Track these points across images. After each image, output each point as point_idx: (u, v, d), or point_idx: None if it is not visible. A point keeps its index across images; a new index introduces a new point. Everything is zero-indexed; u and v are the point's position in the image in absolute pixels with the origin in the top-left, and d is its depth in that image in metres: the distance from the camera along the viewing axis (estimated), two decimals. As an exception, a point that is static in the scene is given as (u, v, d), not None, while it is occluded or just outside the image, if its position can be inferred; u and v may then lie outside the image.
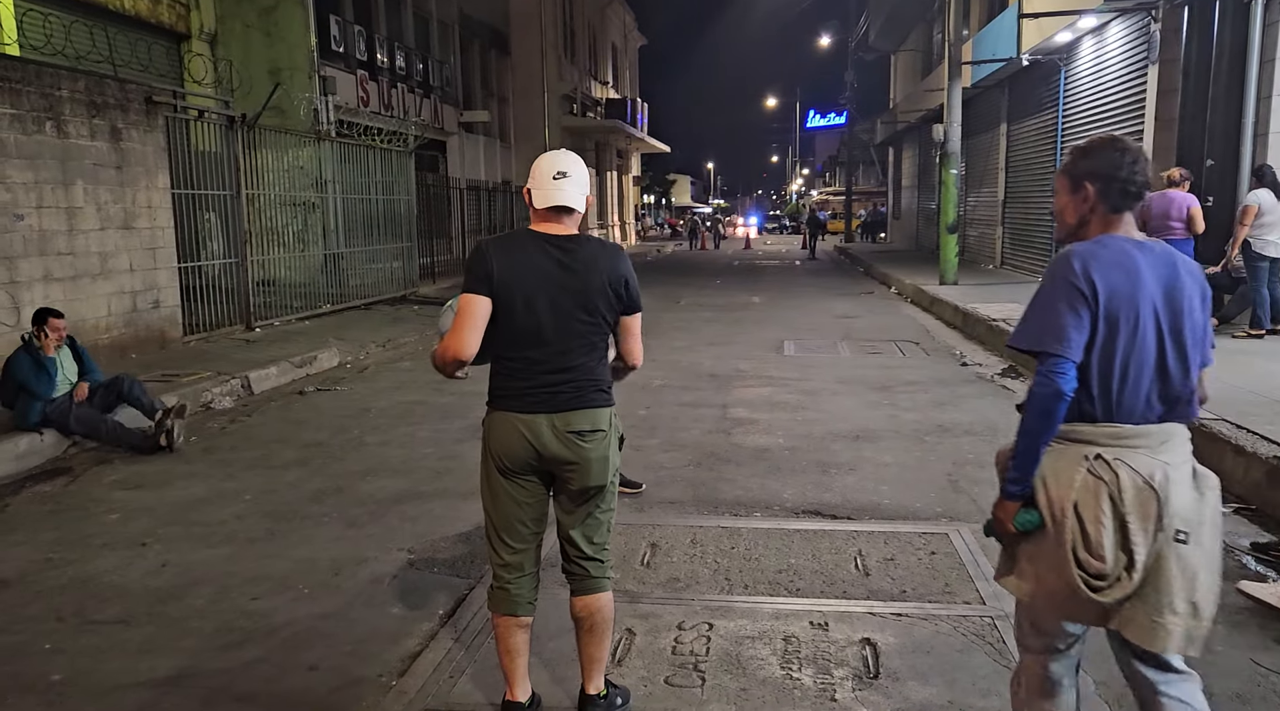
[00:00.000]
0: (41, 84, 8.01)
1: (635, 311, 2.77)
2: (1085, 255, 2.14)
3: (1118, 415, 2.12)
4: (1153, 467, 2.09)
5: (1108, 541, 2.05)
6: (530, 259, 2.64)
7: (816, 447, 6.12)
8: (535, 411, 2.66)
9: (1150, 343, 2.12)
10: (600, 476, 2.74)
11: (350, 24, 17.38)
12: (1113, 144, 2.23)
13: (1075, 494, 2.09)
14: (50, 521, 4.72)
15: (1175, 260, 2.19)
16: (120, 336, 8.86)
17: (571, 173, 2.70)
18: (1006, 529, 2.19)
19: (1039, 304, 2.17)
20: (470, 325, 2.60)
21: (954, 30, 16.65)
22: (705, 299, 16.69)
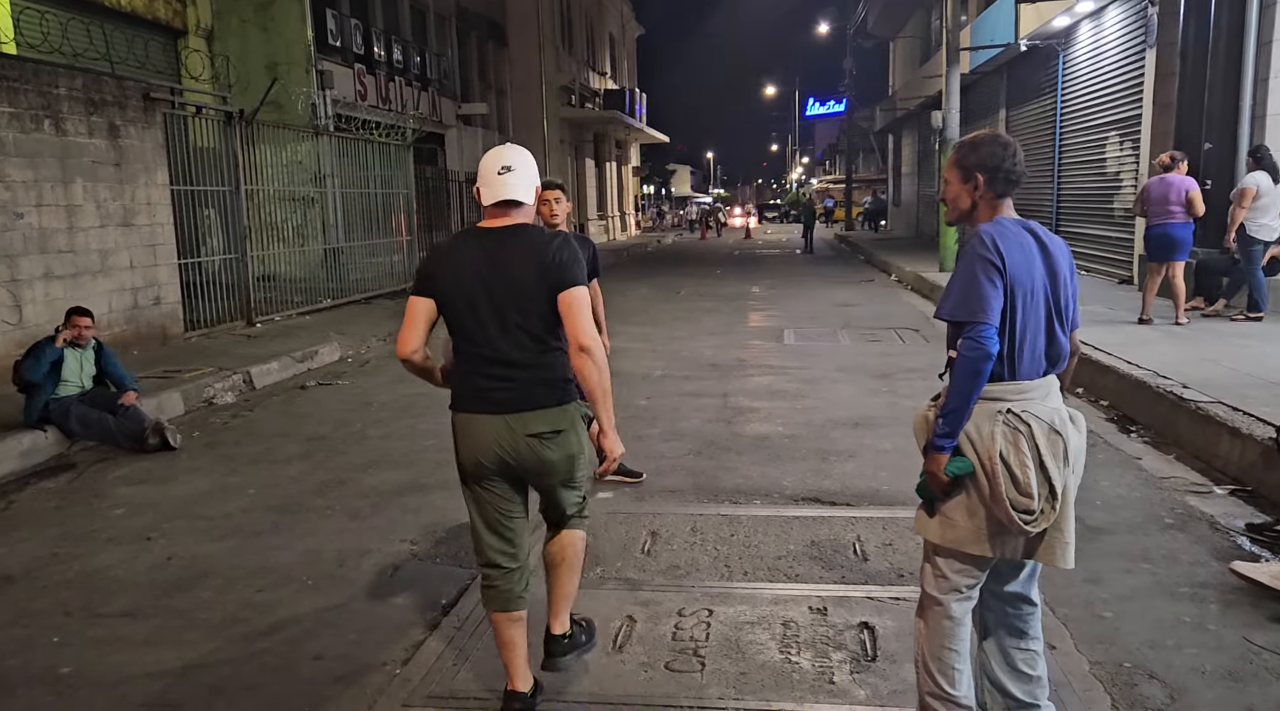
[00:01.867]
0: (39, 82, 8.03)
1: (569, 286, 2.64)
2: (994, 233, 2.44)
3: (1019, 374, 2.45)
4: (1051, 415, 2.44)
5: (1034, 481, 2.38)
6: (467, 256, 2.68)
7: (816, 435, 6.15)
8: (490, 411, 2.68)
9: (1041, 310, 2.46)
10: (566, 473, 2.79)
11: (347, 18, 17.36)
12: (996, 140, 2.56)
13: (999, 445, 2.40)
14: (55, 517, 4.77)
15: (1054, 240, 2.54)
16: (122, 333, 8.89)
17: (516, 166, 2.71)
18: (940, 479, 2.46)
19: (961, 278, 2.43)
20: (410, 324, 2.73)
21: (952, 16, 16.60)
22: (705, 289, 16.71)
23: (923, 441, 2.56)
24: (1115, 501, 4.68)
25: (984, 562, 2.53)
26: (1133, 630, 3.33)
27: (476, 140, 24.29)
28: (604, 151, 35.14)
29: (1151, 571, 3.84)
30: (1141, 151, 12.25)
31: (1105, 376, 6.96)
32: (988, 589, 2.62)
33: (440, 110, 21.67)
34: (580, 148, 31.64)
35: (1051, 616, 3.37)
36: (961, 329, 2.41)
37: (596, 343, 2.67)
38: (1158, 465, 5.36)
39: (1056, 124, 16.27)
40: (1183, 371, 6.48)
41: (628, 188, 40.58)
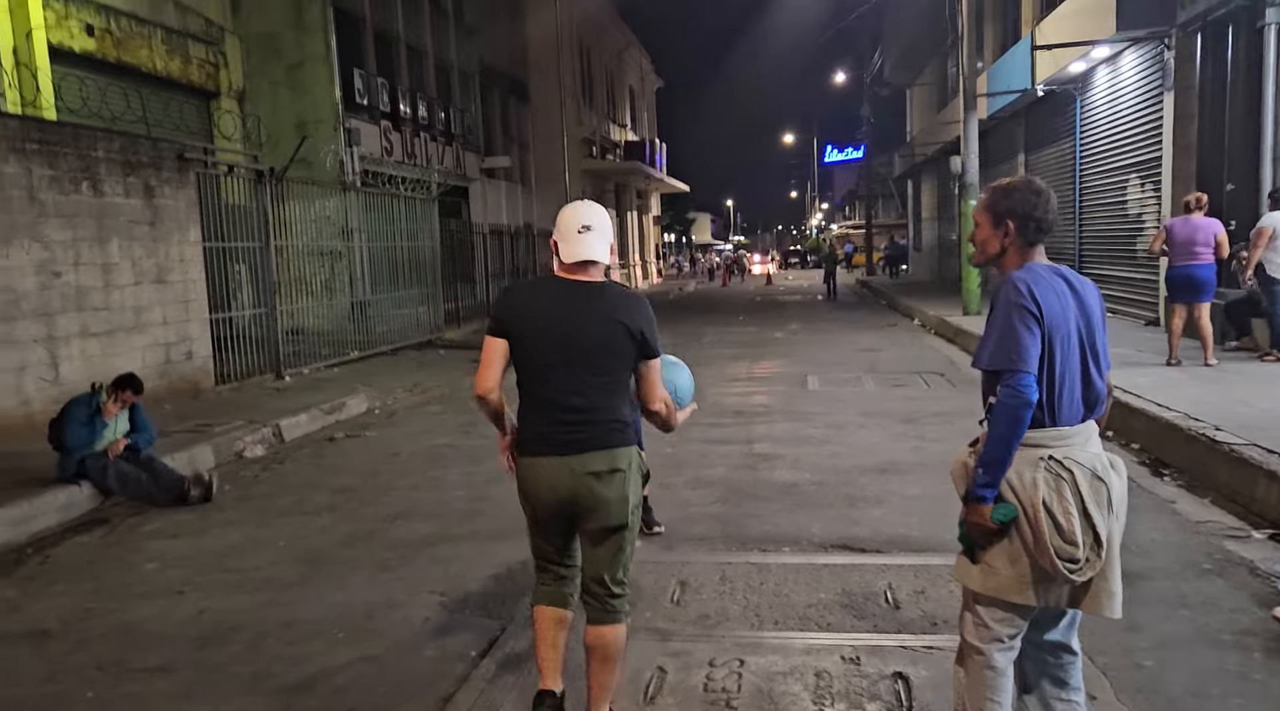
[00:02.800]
0: (79, 145, 8.28)
1: (654, 357, 2.86)
2: (1028, 280, 2.44)
3: (1059, 420, 2.44)
4: (1093, 461, 2.44)
5: (1078, 529, 2.37)
6: (549, 303, 2.80)
7: (843, 481, 6.12)
8: (554, 453, 2.80)
9: (1076, 355, 2.46)
10: (619, 516, 2.84)
11: (373, 77, 17.79)
12: (1029, 187, 2.55)
13: (1042, 492, 2.38)
14: (90, 571, 4.81)
15: (1085, 283, 2.55)
16: (154, 388, 9.01)
17: (595, 225, 2.83)
18: (987, 527, 2.44)
19: (998, 326, 2.43)
20: (486, 363, 2.84)
21: (968, 64, 16.78)
22: (728, 336, 16.74)
23: (962, 488, 2.54)
24: (1151, 546, 4.61)
25: (1026, 611, 2.50)
26: (1175, 679, 3.27)
27: (500, 193, 24.68)
28: (625, 201, 35.54)
29: (1191, 618, 3.78)
30: (1163, 193, 12.24)
31: (1136, 419, 6.89)
32: (1027, 638, 2.58)
33: (464, 164, 22.05)
34: (602, 198, 32.01)
35: (1090, 665, 3.31)
36: (999, 377, 2.40)
37: (667, 404, 2.93)
38: (1193, 509, 5.28)
39: (1076, 167, 16.31)
40: (1214, 413, 6.41)
41: (649, 236, 40.93)
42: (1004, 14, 21.94)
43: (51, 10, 11.67)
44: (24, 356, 7.57)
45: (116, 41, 13.01)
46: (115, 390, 6.16)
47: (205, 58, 15.10)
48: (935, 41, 26.95)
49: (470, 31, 23.10)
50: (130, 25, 13.31)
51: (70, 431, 6.00)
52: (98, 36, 12.55)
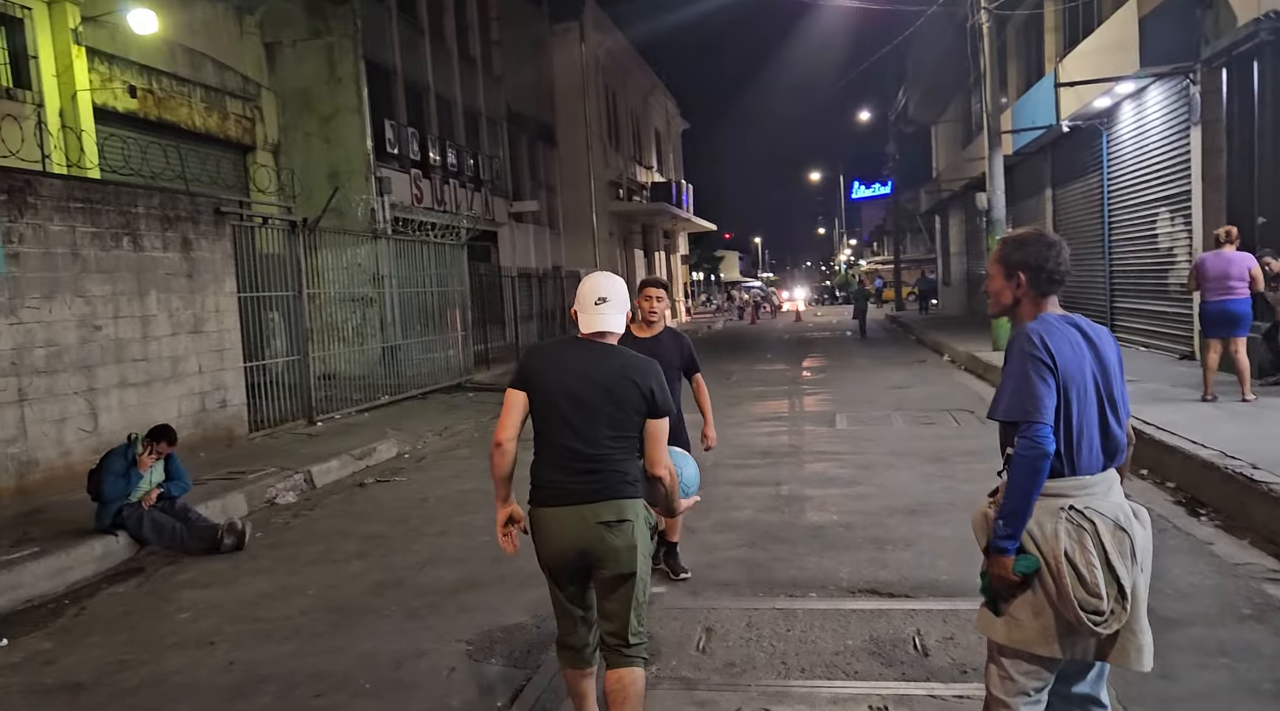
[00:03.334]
0: (120, 202, 8.53)
1: (661, 417, 2.98)
2: (1041, 331, 2.47)
3: (1079, 469, 2.44)
4: (1115, 511, 2.43)
5: (1101, 581, 2.35)
6: (567, 359, 2.99)
7: (872, 523, 6.07)
8: (567, 502, 2.92)
9: (1094, 405, 2.47)
10: (629, 564, 2.94)
11: (404, 127, 18.18)
12: (1040, 239, 2.59)
13: (1063, 543, 2.38)
14: (125, 622, 4.89)
15: (1099, 332, 2.55)
16: (190, 436, 9.18)
17: (611, 297, 3.04)
18: (1010, 579, 2.43)
19: (1013, 377, 2.45)
20: (507, 413, 3.02)
21: (991, 101, 16.82)
22: (756, 374, 16.72)
23: (983, 540, 2.54)
24: (1188, 590, 4.53)
25: (1052, 664, 2.48)
26: (1210, 729, 3.20)
27: (528, 236, 24.98)
28: (652, 241, 35.79)
29: (1230, 666, 3.70)
30: (1194, 227, 12.14)
31: (1170, 457, 6.79)
32: (1055, 691, 2.55)
33: (493, 209, 22.39)
34: (629, 239, 32.29)
35: (1122, 714, 3.25)
36: (1015, 428, 2.42)
37: (669, 471, 3.02)
38: (1231, 551, 5.18)
39: (1104, 201, 16.22)
40: (1252, 450, 6.30)
41: (677, 275, 41.11)
42: (1027, 51, 22.03)
43: (96, 73, 12.10)
44: (64, 408, 7.75)
45: (158, 101, 13.45)
46: (150, 442, 6.29)
47: (242, 113, 15.55)
48: (958, 79, 27.08)
49: (498, 79, 23.58)
50: (171, 84, 13.76)
51: (107, 483, 6.12)
52: (140, 97, 12.99)
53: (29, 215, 7.50)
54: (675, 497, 3.09)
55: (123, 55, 12.59)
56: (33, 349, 7.47)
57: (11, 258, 7.33)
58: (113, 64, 12.49)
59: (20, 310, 7.38)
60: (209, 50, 14.60)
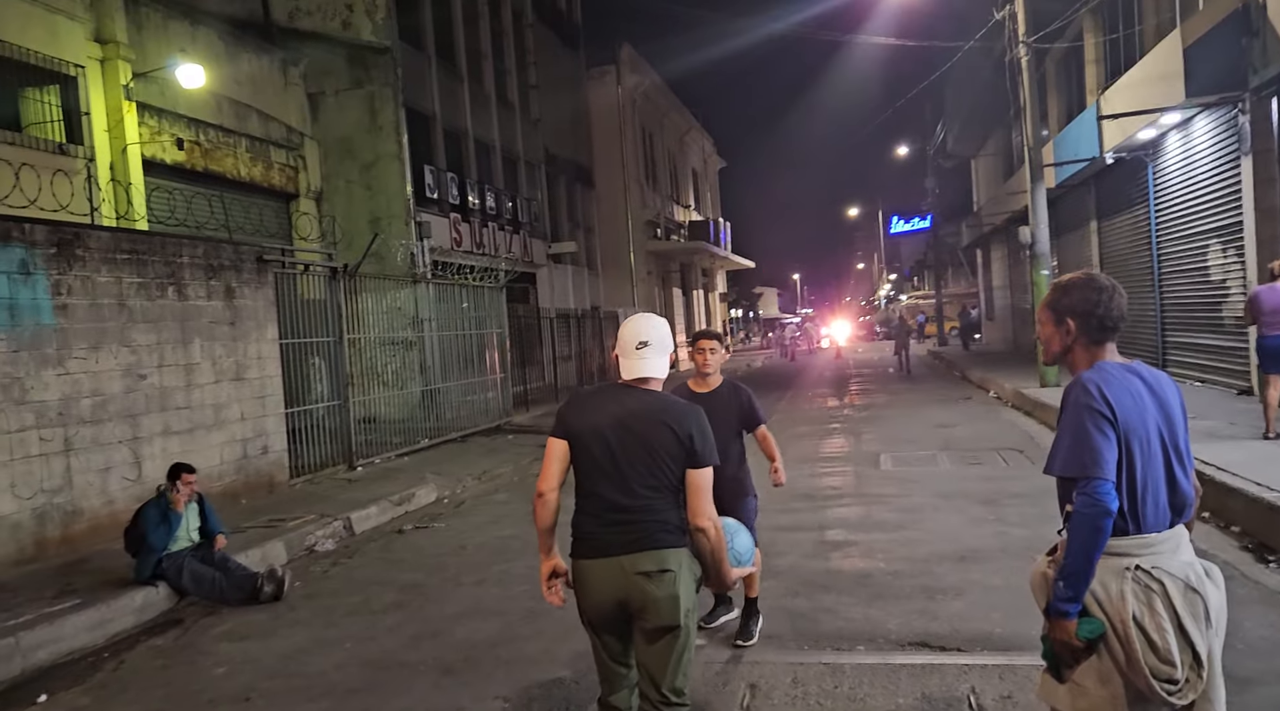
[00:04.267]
0: (165, 252, 8.68)
1: (702, 466, 2.87)
2: (1098, 381, 2.34)
3: (1145, 527, 2.30)
4: (1185, 570, 2.29)
5: (1174, 647, 2.20)
6: (606, 407, 2.92)
7: (920, 571, 5.88)
8: (606, 554, 2.85)
9: (1159, 458, 2.33)
10: (670, 616, 2.82)
11: (443, 172, 18.43)
12: (1090, 284, 2.46)
13: (1130, 606, 2.23)
14: (161, 677, 4.85)
15: (1160, 378, 2.42)
16: (231, 483, 9.24)
17: (652, 341, 2.98)
18: (1073, 644, 2.28)
19: (1070, 431, 2.32)
20: (549, 462, 2.98)
21: (1032, 134, 16.63)
22: (797, 413, 16.52)
23: (1043, 601, 2.41)
24: (1260, 645, 4.29)
25: None
26: (1293, 800, 2.98)
27: (566, 277, 25.11)
28: (690, 280, 35.80)
29: (1309, 728, 3.47)
30: (1247, 258, 11.82)
31: (1233, 499, 6.51)
32: None
33: (531, 251, 22.55)
34: (667, 278, 32.33)
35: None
36: (1073, 484, 2.29)
37: (713, 523, 2.86)
38: (1303, 600, 4.92)
39: (1152, 233, 15.89)
40: (1319, 492, 6.02)
41: (715, 313, 41.04)
42: (1068, 84, 21.84)
43: (146, 127, 12.43)
44: (109, 457, 7.83)
45: (204, 152, 13.77)
46: (173, 481, 6.32)
47: (286, 162, 15.87)
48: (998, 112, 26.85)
49: (536, 123, 23.87)
50: (218, 136, 14.10)
51: (151, 535, 6.13)
52: (187, 148, 13.30)
53: (77, 267, 7.65)
54: (723, 558, 2.91)
55: (171, 109, 12.93)
56: (79, 399, 7.57)
57: (60, 309, 7.46)
58: (161, 117, 12.83)
59: (68, 361, 7.50)
60: (254, 102, 14.95)
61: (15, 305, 7.09)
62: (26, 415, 7.11)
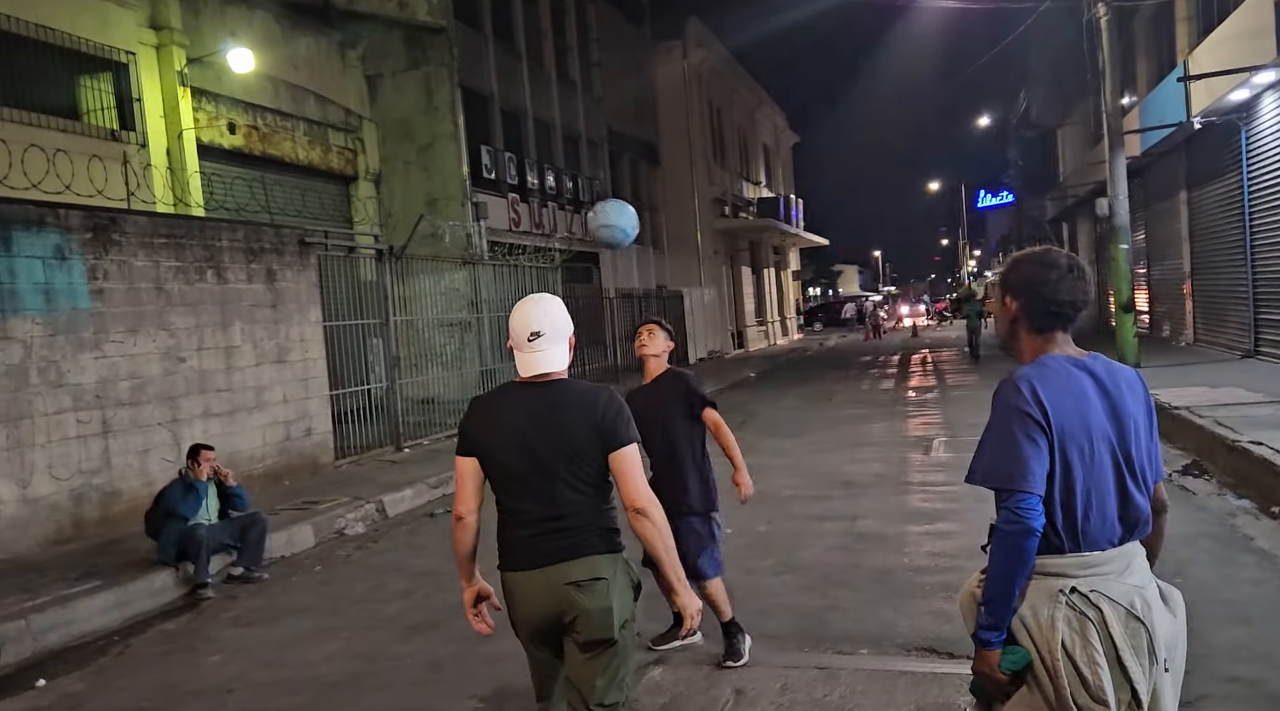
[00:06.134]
0: (204, 236, 8.79)
1: (623, 446, 2.61)
2: (1031, 378, 2.05)
3: (1084, 544, 2.02)
4: (1130, 595, 2.00)
5: (1108, 684, 1.93)
6: (510, 413, 2.66)
7: (945, 567, 5.54)
8: (534, 565, 2.62)
9: (1108, 467, 2.04)
10: (603, 629, 2.60)
11: (500, 152, 18.40)
12: (1040, 258, 2.13)
13: (1060, 634, 1.96)
14: (159, 664, 4.87)
15: (1118, 377, 2.08)
16: (274, 465, 9.36)
17: (545, 329, 2.64)
18: (997, 677, 2.01)
19: (993, 436, 2.04)
20: (462, 483, 2.71)
21: (1111, 100, 15.69)
22: (860, 395, 16.06)
23: (971, 625, 2.13)
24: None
25: None
26: None
27: (630, 256, 24.92)
28: (761, 258, 35.23)
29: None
30: (1343, 227, 10.91)
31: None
32: None
33: (594, 230, 22.39)
34: (735, 256, 31.86)
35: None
36: (998, 496, 2.01)
37: (652, 503, 2.61)
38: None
39: (1244, 203, 14.85)
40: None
41: (788, 292, 40.36)
42: (1157, 44, 20.57)
43: (203, 112, 12.66)
44: (148, 439, 7.98)
45: (262, 136, 13.98)
46: (193, 459, 6.39)
47: (345, 145, 16.03)
48: (1083, 78, 25.57)
49: (598, 100, 23.66)
50: (275, 120, 14.29)
51: (181, 505, 6.20)
52: (244, 133, 13.52)
53: (114, 251, 7.78)
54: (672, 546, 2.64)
55: (228, 94, 13.14)
56: (117, 381, 7.72)
57: (96, 293, 7.61)
58: (218, 103, 13.04)
59: (105, 344, 7.64)
60: (311, 85, 15.11)
61: (51, 289, 7.24)
62: (63, 398, 7.27)
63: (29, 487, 6.96)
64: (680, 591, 2.68)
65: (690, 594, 2.71)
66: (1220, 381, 11.29)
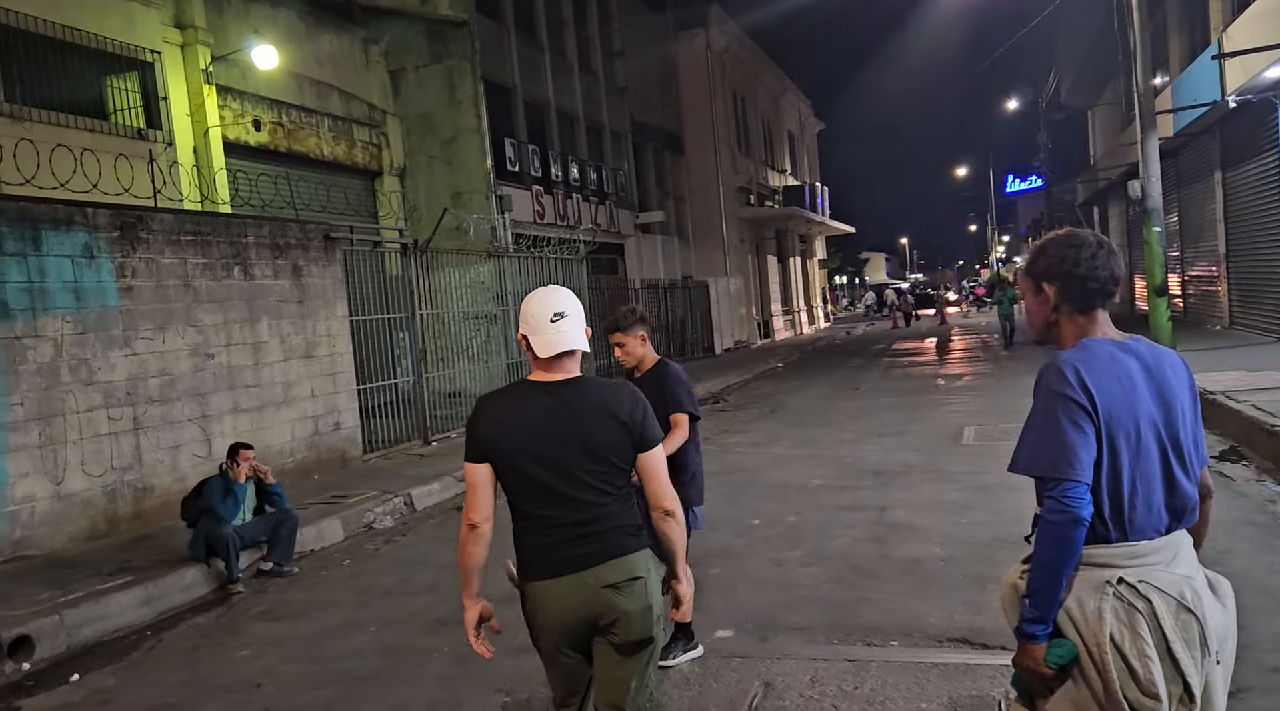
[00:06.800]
0: (230, 233, 8.84)
1: (652, 447, 2.56)
2: (1075, 362, 1.99)
3: (1131, 534, 1.96)
4: (1180, 585, 1.94)
5: (1159, 677, 1.87)
6: (524, 414, 2.53)
7: (977, 557, 5.46)
8: (566, 571, 2.52)
9: (1154, 454, 1.98)
10: (643, 628, 2.54)
11: (524, 144, 18.38)
12: (1067, 240, 2.08)
13: (1108, 626, 1.90)
14: (188, 659, 4.90)
15: (1162, 360, 2.03)
16: (303, 459, 9.43)
17: (568, 311, 2.55)
18: (1042, 672, 1.95)
19: (1037, 422, 1.98)
20: (474, 491, 2.57)
21: (1143, 80, 15.36)
22: (887, 383, 15.91)
23: (1013, 619, 2.08)
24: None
25: None
26: None
27: (656, 247, 24.86)
28: (786, 247, 35.01)
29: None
30: (1386, 206, 10.62)
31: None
32: None
33: (618, 221, 22.36)
34: (761, 245, 31.68)
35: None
36: (1044, 484, 1.95)
37: (678, 504, 2.59)
38: None
39: (1281, 182, 14.53)
40: None
41: (814, 281, 40.10)
42: (1190, 22, 20.13)
43: (229, 110, 12.75)
44: (178, 435, 8.06)
45: (287, 133, 14.06)
46: (231, 459, 6.43)
47: (369, 140, 16.09)
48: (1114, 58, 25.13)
49: (621, 91, 23.58)
50: (300, 117, 14.37)
51: (220, 507, 6.25)
52: (269, 130, 13.61)
53: (141, 249, 7.84)
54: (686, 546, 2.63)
55: (253, 91, 13.22)
56: (147, 378, 7.80)
57: (125, 291, 7.67)
58: (243, 100, 13.13)
59: (134, 341, 7.71)
60: (335, 81, 15.17)
61: (80, 288, 7.32)
62: (95, 395, 7.35)
63: (62, 484, 7.05)
64: (683, 580, 2.66)
65: (688, 580, 2.68)
66: (1258, 365, 11.07)
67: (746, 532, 6.50)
